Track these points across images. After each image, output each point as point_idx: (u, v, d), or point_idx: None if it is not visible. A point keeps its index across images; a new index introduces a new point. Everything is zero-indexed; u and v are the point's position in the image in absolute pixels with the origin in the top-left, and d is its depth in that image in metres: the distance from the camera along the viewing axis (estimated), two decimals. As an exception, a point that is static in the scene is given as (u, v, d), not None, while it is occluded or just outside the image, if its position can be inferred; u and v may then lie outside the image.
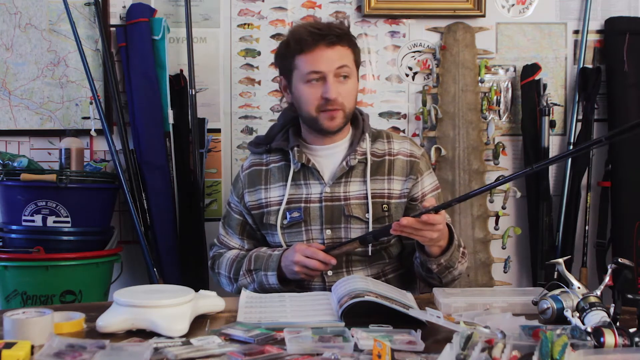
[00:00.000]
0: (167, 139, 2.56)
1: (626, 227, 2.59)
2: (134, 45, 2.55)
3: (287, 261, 1.71)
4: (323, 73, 1.73)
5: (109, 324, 1.28)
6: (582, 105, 2.66)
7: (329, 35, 1.72)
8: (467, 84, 2.63)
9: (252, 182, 1.87)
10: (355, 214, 1.77)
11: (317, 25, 1.77)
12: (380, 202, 1.79)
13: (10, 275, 2.30)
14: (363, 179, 1.80)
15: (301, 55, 1.74)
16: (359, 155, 1.81)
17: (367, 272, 1.80)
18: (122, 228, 2.65)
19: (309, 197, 1.80)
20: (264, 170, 1.87)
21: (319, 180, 1.81)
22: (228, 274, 1.85)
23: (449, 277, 1.73)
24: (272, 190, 1.84)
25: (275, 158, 1.87)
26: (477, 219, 2.60)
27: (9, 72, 2.62)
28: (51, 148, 2.64)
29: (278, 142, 1.86)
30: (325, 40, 1.72)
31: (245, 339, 1.22)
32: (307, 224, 1.79)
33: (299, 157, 1.80)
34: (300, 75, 1.76)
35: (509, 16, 2.71)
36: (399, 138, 1.89)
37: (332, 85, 1.72)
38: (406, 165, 1.84)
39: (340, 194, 1.79)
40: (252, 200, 1.86)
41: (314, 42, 1.72)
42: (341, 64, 1.74)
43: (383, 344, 1.09)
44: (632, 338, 1.11)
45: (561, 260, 1.47)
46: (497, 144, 2.66)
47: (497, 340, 1.08)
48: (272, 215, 1.82)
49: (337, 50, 1.73)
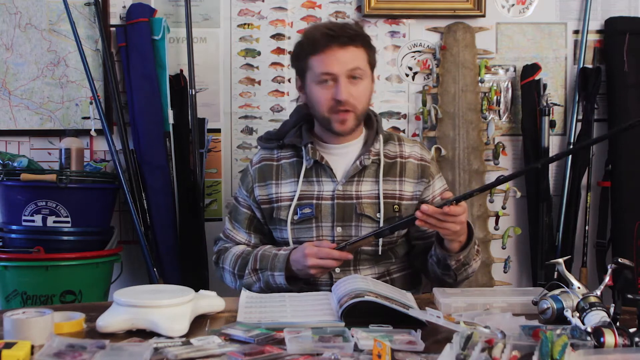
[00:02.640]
0: (167, 139, 2.56)
1: (626, 227, 2.58)
2: (134, 45, 2.55)
3: (300, 265, 1.70)
4: (335, 74, 1.73)
5: (109, 324, 1.28)
6: (582, 105, 2.66)
7: (342, 36, 1.73)
8: (467, 84, 2.63)
9: (263, 176, 1.88)
10: (367, 213, 1.79)
11: (330, 26, 1.77)
12: (392, 203, 1.81)
13: (10, 275, 2.30)
14: (375, 179, 1.82)
15: (314, 56, 1.75)
16: (373, 155, 1.82)
17: (373, 270, 1.81)
18: (122, 228, 2.65)
19: (320, 194, 1.81)
20: (275, 165, 1.88)
21: (332, 177, 1.82)
22: (232, 269, 1.84)
23: (464, 274, 1.75)
24: (284, 185, 1.85)
25: (287, 154, 1.88)
26: (477, 219, 2.60)
27: (9, 72, 2.62)
28: (51, 148, 2.64)
29: (291, 138, 1.86)
30: (338, 41, 1.72)
31: (245, 339, 1.22)
32: (317, 220, 1.80)
33: (312, 154, 1.81)
34: (313, 76, 1.77)
35: (509, 16, 2.71)
36: (410, 142, 1.91)
37: (343, 87, 1.73)
38: (417, 168, 1.85)
39: (352, 192, 1.80)
40: (263, 195, 1.87)
41: (326, 43, 1.73)
42: (353, 65, 1.74)
43: (383, 344, 1.09)
44: (632, 338, 1.11)
45: (561, 260, 1.47)
46: (497, 144, 2.66)
47: (497, 340, 1.08)
48: (282, 210, 1.82)
49: (349, 51, 1.74)
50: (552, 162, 2.64)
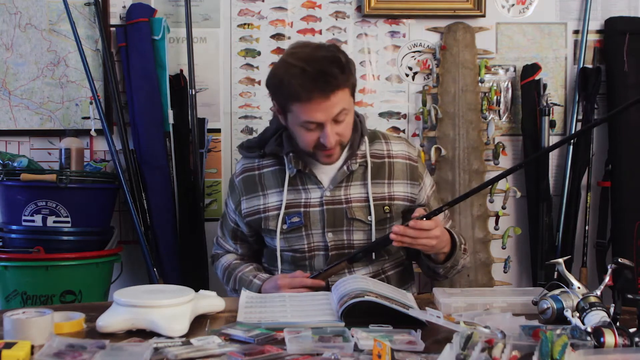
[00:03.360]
0: (167, 139, 2.56)
1: (626, 227, 2.58)
2: (134, 45, 2.55)
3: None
4: (320, 123, 1.67)
5: (109, 324, 1.28)
6: (582, 105, 2.66)
7: (325, 85, 1.62)
8: (467, 84, 2.63)
9: (248, 188, 1.87)
10: (358, 217, 1.78)
11: (310, 69, 1.62)
12: (382, 204, 1.80)
13: (10, 275, 2.30)
14: (364, 182, 1.80)
15: (296, 103, 1.66)
16: (359, 158, 1.81)
17: (368, 270, 1.81)
18: (122, 228, 2.65)
19: (308, 201, 1.80)
20: (257, 175, 1.86)
21: (317, 184, 1.80)
22: (222, 278, 1.93)
23: (453, 272, 1.82)
24: (270, 196, 1.83)
25: (269, 162, 1.86)
26: (477, 219, 2.60)
27: (9, 72, 2.62)
28: (51, 148, 2.64)
29: (272, 147, 1.83)
30: (322, 91, 1.62)
31: (245, 339, 1.22)
32: (307, 228, 1.79)
33: (295, 163, 1.79)
34: (296, 120, 1.69)
35: (509, 16, 2.71)
36: (395, 139, 1.91)
37: (330, 133, 1.67)
38: (406, 168, 1.85)
39: (341, 197, 1.79)
40: (249, 207, 1.86)
41: (308, 96, 1.62)
42: (339, 110, 1.66)
43: (383, 344, 1.09)
44: (632, 338, 1.11)
45: (561, 260, 1.47)
46: (497, 144, 2.66)
47: (497, 340, 1.08)
48: (270, 220, 1.82)
49: (334, 98, 1.64)
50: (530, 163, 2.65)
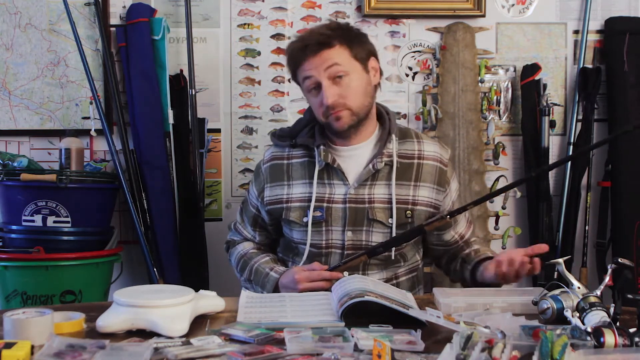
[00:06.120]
0: (167, 139, 2.56)
1: (626, 227, 2.59)
2: (134, 45, 2.55)
3: (290, 290, 1.70)
4: (316, 80, 1.73)
5: (109, 324, 1.28)
6: (582, 105, 2.66)
7: (311, 44, 1.73)
8: (467, 84, 2.63)
9: (274, 176, 1.86)
10: (379, 218, 1.76)
11: (304, 36, 1.80)
12: (405, 208, 1.77)
13: (10, 275, 2.30)
14: (388, 182, 1.78)
15: (297, 70, 1.78)
16: (386, 157, 1.78)
17: (382, 275, 1.80)
18: (122, 228, 2.65)
19: (332, 197, 1.78)
20: (285, 164, 1.86)
21: (343, 180, 1.79)
22: (236, 267, 1.92)
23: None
24: (295, 186, 1.83)
25: (298, 153, 1.85)
26: (477, 219, 2.60)
27: (9, 72, 2.62)
28: (51, 148, 2.64)
29: (303, 138, 1.84)
30: (310, 50, 1.73)
31: (245, 339, 1.21)
32: (328, 224, 1.78)
33: (324, 156, 1.78)
34: (304, 87, 1.79)
35: (509, 16, 2.71)
36: (429, 139, 1.87)
37: (326, 90, 1.72)
38: (435, 172, 1.81)
39: (364, 196, 1.77)
40: (271, 196, 1.86)
41: (301, 56, 1.75)
42: (329, 64, 1.72)
43: (383, 344, 1.09)
44: (632, 338, 1.11)
45: (561, 260, 1.47)
46: (497, 144, 2.66)
47: (497, 340, 1.08)
48: (292, 211, 1.81)
49: (323, 54, 1.72)
50: (551, 169, 2.65)
